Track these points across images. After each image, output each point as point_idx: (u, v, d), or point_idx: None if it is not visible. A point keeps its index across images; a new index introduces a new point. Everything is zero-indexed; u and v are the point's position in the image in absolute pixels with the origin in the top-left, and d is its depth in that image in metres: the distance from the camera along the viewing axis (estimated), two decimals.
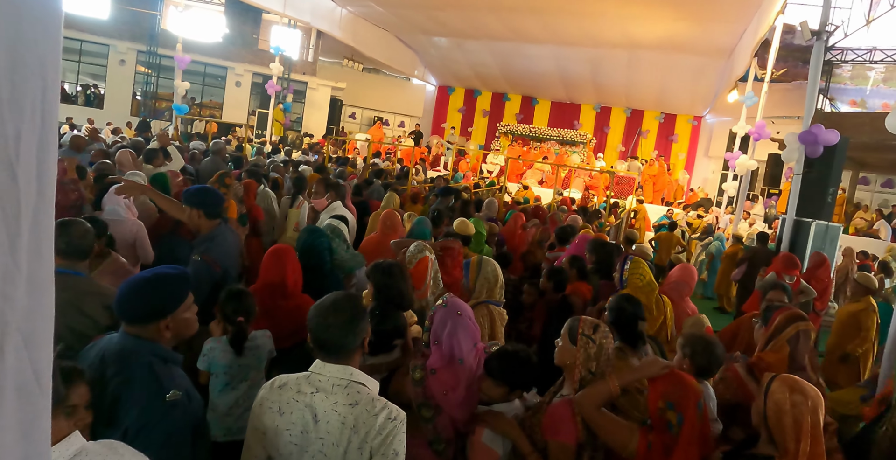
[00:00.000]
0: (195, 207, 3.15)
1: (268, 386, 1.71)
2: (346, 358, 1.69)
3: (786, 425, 1.85)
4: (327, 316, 1.67)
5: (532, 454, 2.06)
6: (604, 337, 2.14)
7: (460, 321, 2.25)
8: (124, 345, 1.74)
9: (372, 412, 1.61)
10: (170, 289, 1.81)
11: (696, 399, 1.94)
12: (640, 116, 20.96)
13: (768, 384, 1.94)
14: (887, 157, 15.08)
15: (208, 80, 21.44)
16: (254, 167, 7.06)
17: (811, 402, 1.86)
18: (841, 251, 8.33)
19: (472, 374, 2.23)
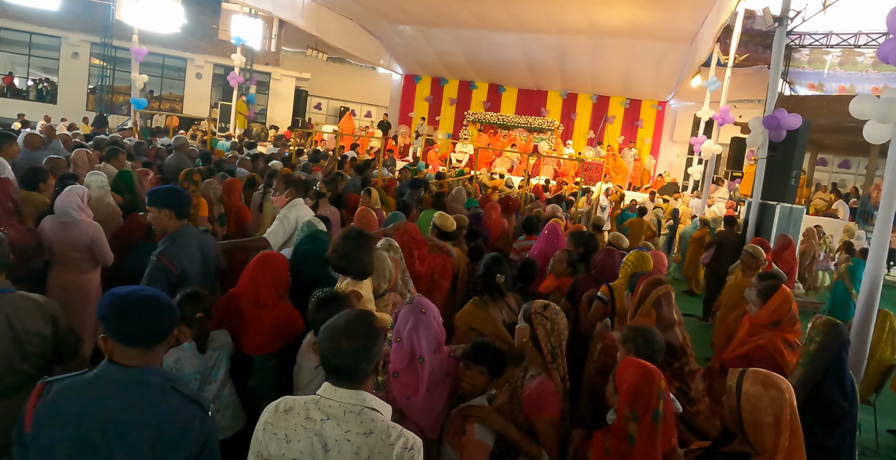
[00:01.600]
0: (164, 207, 3.05)
1: (272, 409, 1.58)
2: (358, 383, 1.57)
3: (764, 424, 1.82)
4: (339, 339, 1.54)
5: (522, 439, 2.14)
6: (554, 313, 2.27)
7: (423, 318, 2.24)
8: (144, 382, 1.55)
9: (388, 441, 1.51)
10: (170, 305, 1.65)
11: (653, 408, 1.94)
12: (607, 102, 21.16)
13: (738, 383, 1.90)
14: (844, 139, 15.56)
15: (167, 72, 20.82)
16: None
17: (787, 395, 1.84)
18: (802, 233, 8.56)
19: (434, 376, 2.20)
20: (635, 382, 2.00)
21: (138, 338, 1.56)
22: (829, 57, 16.17)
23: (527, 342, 2.26)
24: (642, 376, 2.00)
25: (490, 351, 2.24)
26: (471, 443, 2.10)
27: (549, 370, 2.22)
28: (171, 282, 2.94)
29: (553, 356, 2.22)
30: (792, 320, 2.95)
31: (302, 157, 10.60)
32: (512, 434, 2.15)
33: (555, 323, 2.25)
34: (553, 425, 2.16)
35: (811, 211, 15.38)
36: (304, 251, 3.26)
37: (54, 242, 3.77)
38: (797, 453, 1.83)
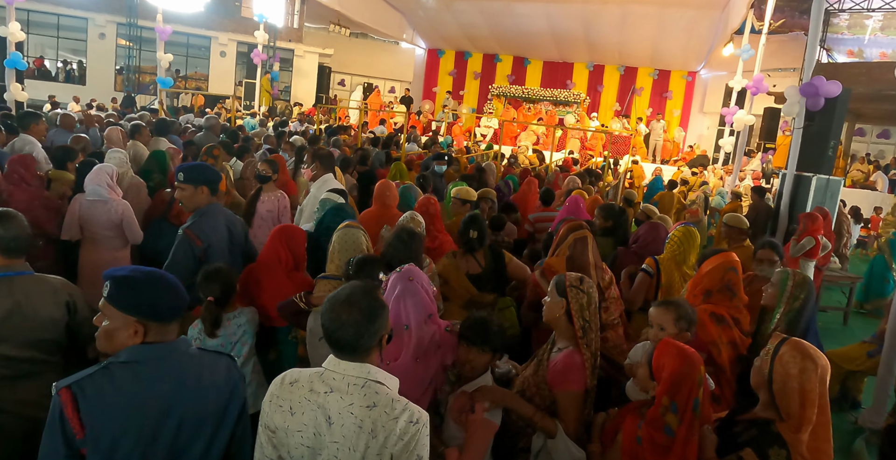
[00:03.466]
0: (202, 184, 3.07)
1: (278, 381, 1.58)
2: (362, 355, 1.54)
3: (791, 389, 1.80)
4: (341, 312, 1.50)
5: (536, 414, 2.13)
6: (590, 287, 2.25)
7: (410, 286, 2.19)
8: (179, 353, 1.59)
9: (392, 415, 1.48)
10: (168, 276, 1.67)
11: (693, 396, 1.87)
12: (634, 74, 20.65)
13: (777, 347, 1.87)
14: (883, 108, 14.95)
15: (192, 51, 20.91)
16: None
17: (820, 370, 1.80)
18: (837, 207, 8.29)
19: (422, 346, 2.14)
20: (676, 370, 1.89)
21: (171, 311, 1.58)
22: (871, 21, 15.44)
23: (560, 317, 2.21)
24: (683, 363, 1.90)
25: (487, 328, 2.17)
26: (478, 422, 2.06)
27: (578, 344, 2.19)
28: (196, 256, 2.98)
29: (584, 330, 2.19)
30: (727, 293, 2.80)
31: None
32: (524, 410, 2.13)
33: (591, 297, 2.22)
34: (575, 398, 2.14)
35: (847, 183, 14.90)
36: (329, 224, 3.27)
37: (84, 221, 3.83)
38: (823, 430, 1.80)
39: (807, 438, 1.79)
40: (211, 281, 2.58)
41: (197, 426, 1.57)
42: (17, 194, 3.84)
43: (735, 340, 2.76)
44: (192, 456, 1.57)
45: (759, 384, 1.90)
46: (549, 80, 21.24)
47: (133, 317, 1.52)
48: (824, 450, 1.81)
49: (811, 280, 2.70)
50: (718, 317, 2.76)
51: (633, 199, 6.95)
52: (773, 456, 1.78)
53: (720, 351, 2.67)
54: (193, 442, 1.57)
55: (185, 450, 1.56)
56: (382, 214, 4.20)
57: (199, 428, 1.58)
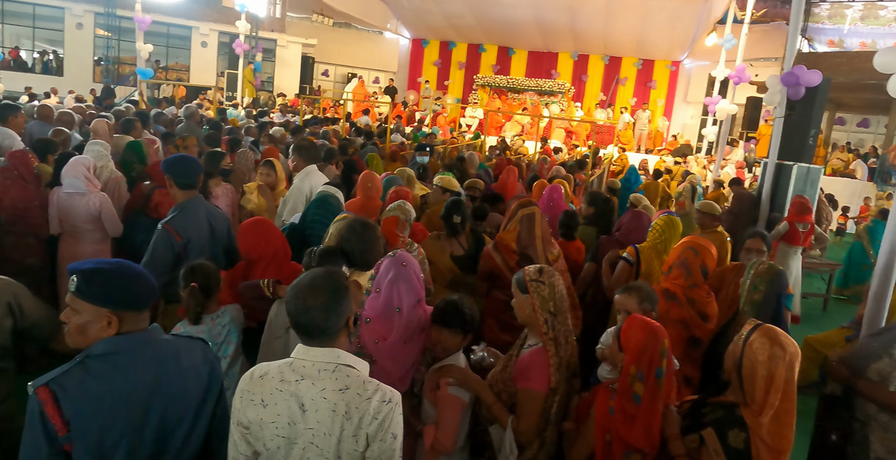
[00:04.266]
0: (167, 175, 3.07)
1: (247, 377, 1.57)
2: (330, 340, 1.55)
3: (759, 376, 1.84)
4: (306, 297, 1.51)
5: (495, 404, 2.14)
6: (550, 277, 2.19)
7: (403, 271, 2.22)
8: (154, 341, 1.59)
9: (364, 396, 1.50)
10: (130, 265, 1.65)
11: (656, 366, 1.94)
12: (618, 63, 20.69)
13: (749, 333, 1.91)
14: (863, 97, 15.13)
15: (172, 41, 20.56)
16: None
17: (788, 357, 1.84)
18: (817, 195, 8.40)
19: (411, 329, 2.18)
20: (641, 341, 1.97)
21: (143, 299, 1.58)
22: (850, 11, 15.60)
23: (530, 314, 2.17)
24: (647, 334, 1.98)
25: (458, 310, 2.20)
26: (445, 397, 2.11)
27: (544, 341, 2.15)
28: (176, 251, 2.95)
29: (550, 324, 2.13)
30: (682, 270, 2.82)
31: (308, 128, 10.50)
32: (486, 397, 2.14)
33: (553, 286, 2.17)
34: (534, 397, 2.09)
35: (828, 171, 15.10)
36: (313, 216, 3.25)
37: (63, 214, 3.78)
38: (786, 416, 1.84)
39: (768, 422, 1.82)
40: (193, 275, 2.53)
41: (181, 410, 1.59)
42: (16, 192, 3.79)
43: (686, 319, 2.78)
44: (176, 438, 1.59)
45: (730, 368, 1.96)
46: (534, 70, 21.23)
47: (106, 308, 1.50)
48: (785, 435, 1.83)
49: (778, 271, 2.68)
50: (670, 293, 2.80)
51: (617, 188, 6.99)
52: (732, 437, 1.84)
53: (664, 326, 2.70)
54: (178, 426, 1.59)
55: (170, 434, 1.58)
56: (366, 205, 4.18)
57: (183, 412, 1.60)
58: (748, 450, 1.82)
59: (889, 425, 2.42)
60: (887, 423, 2.43)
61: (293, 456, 1.51)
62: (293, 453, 1.51)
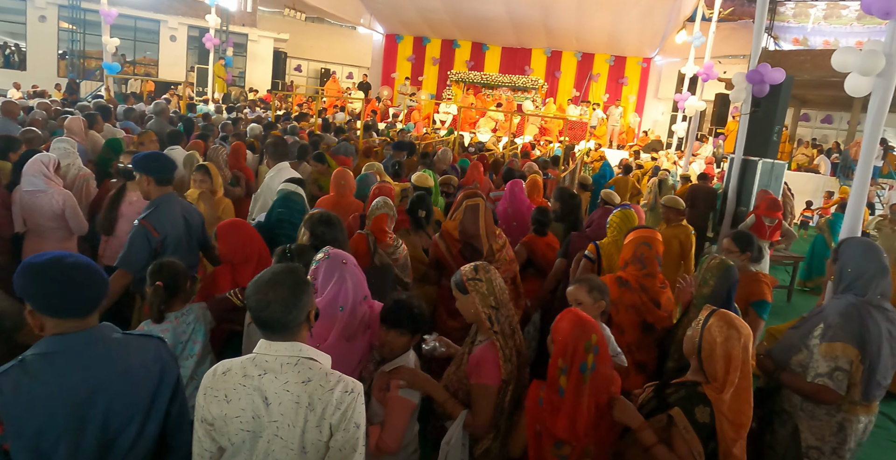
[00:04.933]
0: (143, 173, 3.04)
1: (210, 373, 1.58)
2: (292, 334, 1.57)
3: (717, 356, 1.95)
4: (267, 292, 1.54)
5: (447, 401, 2.16)
6: (486, 272, 2.21)
7: (347, 268, 2.20)
8: (100, 340, 1.54)
9: (327, 387, 1.53)
10: (94, 267, 1.59)
11: (580, 360, 1.99)
12: (591, 60, 20.89)
13: (706, 318, 2.03)
14: (827, 94, 15.53)
15: (140, 35, 20.12)
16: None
17: (743, 339, 1.95)
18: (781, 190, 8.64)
19: (353, 327, 2.16)
20: (567, 334, 2.01)
21: (74, 308, 1.50)
22: (814, 10, 15.99)
23: (475, 312, 2.19)
24: (573, 328, 2.01)
25: (405, 311, 2.20)
26: (394, 399, 2.12)
27: (491, 336, 2.17)
28: (153, 247, 2.95)
29: (493, 319, 2.16)
30: (638, 264, 2.90)
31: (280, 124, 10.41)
32: (437, 394, 2.16)
33: (490, 281, 2.19)
34: (487, 392, 2.13)
35: (793, 166, 15.48)
36: (279, 215, 3.22)
37: (26, 212, 3.72)
38: (744, 393, 1.95)
39: (729, 399, 1.93)
40: (160, 273, 2.51)
41: (128, 409, 1.57)
42: None
43: (637, 305, 2.85)
44: (125, 437, 1.56)
45: (690, 351, 2.06)
46: (508, 66, 21.31)
47: (31, 307, 1.48)
48: (745, 411, 1.95)
49: (729, 265, 2.72)
50: (623, 280, 2.89)
51: (589, 184, 7.08)
52: (698, 413, 1.94)
53: (618, 311, 2.82)
54: (126, 426, 1.56)
55: (118, 434, 1.55)
56: (338, 202, 4.19)
57: (131, 411, 1.57)
58: (714, 424, 1.92)
59: (815, 413, 2.50)
60: (813, 411, 2.50)
61: (258, 449, 1.53)
62: (258, 446, 1.53)
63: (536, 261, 3.93)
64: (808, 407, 2.52)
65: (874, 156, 4.30)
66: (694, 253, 5.21)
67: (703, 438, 1.92)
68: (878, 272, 2.49)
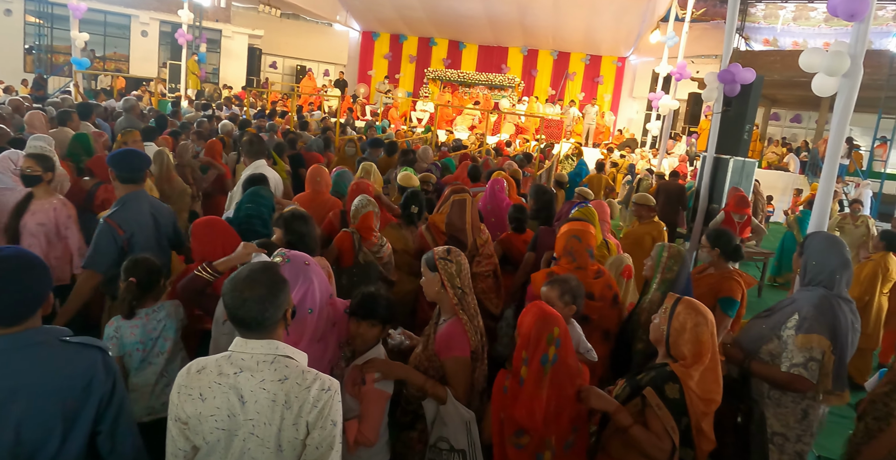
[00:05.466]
0: (110, 168, 3.01)
1: (184, 372, 1.56)
2: (268, 332, 1.57)
3: (687, 341, 2.04)
4: (243, 290, 1.52)
5: (426, 382, 2.19)
6: (457, 255, 2.32)
7: (311, 270, 2.18)
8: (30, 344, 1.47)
9: (304, 385, 1.53)
10: (34, 265, 1.52)
11: (542, 352, 2.03)
12: (567, 59, 21.04)
13: (673, 306, 2.12)
14: (796, 94, 15.87)
15: (110, 30, 19.68)
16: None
17: (710, 324, 2.06)
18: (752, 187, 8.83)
19: (321, 328, 2.16)
20: (530, 326, 2.08)
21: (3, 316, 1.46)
22: (784, 12, 16.33)
23: (438, 291, 2.28)
24: (536, 320, 2.07)
25: (375, 302, 2.23)
26: (370, 392, 2.13)
27: (456, 311, 2.27)
28: (120, 245, 2.90)
29: (460, 298, 2.27)
30: (569, 259, 2.98)
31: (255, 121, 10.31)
32: (415, 379, 2.19)
33: (459, 264, 2.31)
34: (461, 363, 2.21)
35: (764, 164, 15.81)
36: (248, 210, 3.17)
37: None
38: (712, 373, 2.05)
39: (698, 376, 2.01)
40: (135, 269, 2.49)
41: (45, 422, 1.49)
42: None
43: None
44: (45, 455, 1.50)
45: (658, 339, 2.15)
46: (485, 64, 21.37)
47: None
48: (714, 389, 2.04)
49: (685, 253, 2.91)
50: (552, 275, 2.91)
51: (565, 182, 7.15)
52: (668, 390, 2.01)
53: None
54: (45, 440, 1.50)
55: (37, 448, 1.48)
56: (314, 199, 4.19)
57: (50, 424, 1.50)
58: (684, 399, 2.00)
59: (781, 401, 2.58)
60: (779, 399, 2.59)
61: (234, 447, 1.52)
62: (234, 444, 1.52)
63: (512, 257, 3.97)
64: (775, 395, 2.60)
65: (840, 155, 4.42)
66: None
67: (675, 414, 1.99)
68: (841, 265, 2.59)
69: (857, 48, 4.09)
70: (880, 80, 12.89)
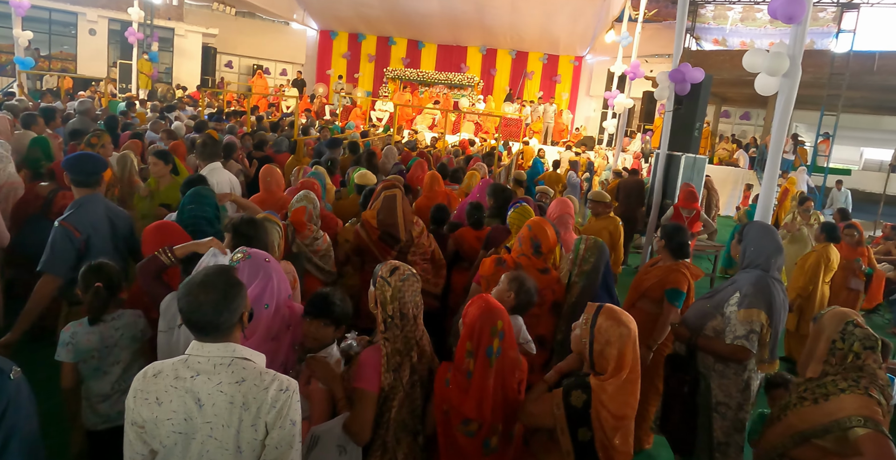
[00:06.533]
0: (66, 171, 2.97)
1: (140, 376, 1.55)
2: (225, 335, 1.56)
3: (609, 356, 1.99)
4: (198, 294, 1.52)
5: (341, 400, 2.12)
6: (400, 280, 2.10)
7: (273, 266, 2.18)
8: None
9: (262, 386, 1.53)
10: None
11: (486, 345, 2.05)
12: (525, 58, 21.27)
13: (594, 317, 2.06)
14: (745, 92, 16.43)
15: (56, 28, 18.97)
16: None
17: (632, 335, 2.01)
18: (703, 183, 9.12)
19: (276, 326, 2.13)
20: (475, 318, 2.08)
21: None
22: (732, 13, 16.86)
23: (374, 307, 2.15)
24: (481, 313, 2.08)
25: (328, 302, 2.19)
26: (315, 392, 2.11)
27: (379, 338, 2.12)
28: (77, 248, 2.86)
29: (388, 326, 2.09)
30: (517, 244, 3.09)
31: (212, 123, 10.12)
32: (336, 392, 2.12)
33: (397, 289, 2.09)
34: (364, 396, 2.05)
35: (715, 160, 16.32)
36: (191, 211, 3.09)
37: None
38: (631, 386, 2.01)
39: (613, 390, 1.97)
40: (98, 274, 2.44)
41: None
42: None
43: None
44: None
45: (580, 349, 2.10)
46: (444, 64, 21.41)
47: None
48: (630, 403, 2.00)
49: (602, 244, 3.08)
50: (501, 260, 3.03)
51: (523, 180, 7.25)
52: (574, 397, 2.00)
53: (487, 285, 2.98)
54: None
55: None
56: (266, 199, 4.21)
57: None
58: (586, 411, 1.97)
59: (725, 372, 2.84)
60: (723, 371, 2.84)
61: (192, 450, 1.52)
62: (191, 448, 1.52)
63: (464, 252, 4.07)
64: (719, 368, 2.85)
65: (782, 150, 4.62)
66: (623, 243, 5.46)
67: (569, 418, 1.98)
68: (775, 250, 2.87)
69: (796, 49, 4.27)
70: (822, 79, 13.48)
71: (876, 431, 2.05)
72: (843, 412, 2.12)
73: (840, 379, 2.21)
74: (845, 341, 2.25)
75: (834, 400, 2.17)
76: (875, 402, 2.12)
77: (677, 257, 3.55)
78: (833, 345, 2.27)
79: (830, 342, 2.28)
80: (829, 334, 2.28)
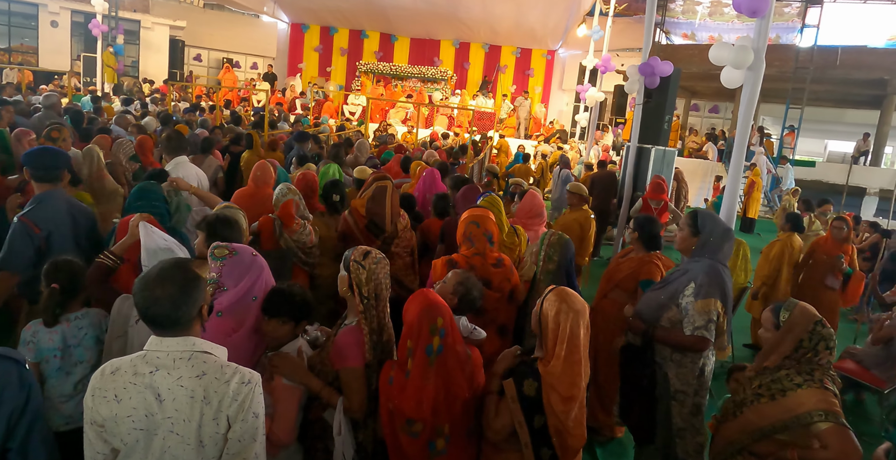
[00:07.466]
0: (25, 166, 2.90)
1: (98, 374, 1.52)
2: (184, 330, 1.53)
3: (549, 329, 2.03)
4: (154, 288, 1.48)
5: (323, 389, 2.10)
6: (374, 262, 2.16)
7: (260, 261, 2.17)
8: None
9: (223, 379, 1.51)
10: None
11: (425, 343, 2.01)
12: (498, 52, 21.32)
13: (545, 294, 2.11)
14: (714, 86, 16.71)
15: (15, 19, 18.39)
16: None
17: (573, 313, 2.01)
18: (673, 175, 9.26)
19: (260, 317, 2.15)
20: (414, 315, 2.05)
21: None
22: (700, 7, 17.12)
23: (346, 291, 2.17)
24: (420, 310, 2.05)
25: (285, 299, 2.15)
26: (279, 389, 2.07)
27: (359, 319, 2.15)
28: (36, 245, 2.79)
29: (366, 307, 2.13)
30: (468, 243, 3.02)
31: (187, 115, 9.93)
32: (312, 385, 2.10)
33: (372, 271, 2.15)
34: (354, 374, 2.09)
35: (685, 153, 16.59)
36: (139, 208, 3.00)
37: None
38: (576, 367, 2.01)
39: (558, 372, 1.99)
40: (57, 273, 2.38)
41: None
42: None
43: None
44: None
45: (534, 326, 2.14)
46: (417, 57, 21.35)
47: None
48: (577, 384, 2.01)
49: (566, 240, 3.11)
50: (453, 262, 2.98)
51: (497, 172, 7.29)
52: (526, 386, 2.01)
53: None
54: None
55: None
56: (256, 193, 4.18)
57: None
58: (539, 398, 1.99)
59: (682, 361, 2.86)
60: (680, 360, 2.86)
61: (154, 447, 1.50)
62: (154, 444, 1.50)
63: (430, 242, 4.10)
64: (677, 357, 2.87)
65: (747, 142, 4.72)
66: (594, 235, 5.53)
67: (526, 409, 1.99)
68: (725, 236, 2.90)
69: (760, 42, 4.36)
70: (787, 73, 13.78)
71: (837, 424, 2.10)
72: (803, 407, 2.15)
73: (794, 373, 2.25)
74: (811, 341, 2.27)
75: (792, 396, 2.20)
76: (831, 394, 2.17)
77: (650, 248, 3.53)
78: (800, 344, 2.28)
79: (798, 341, 2.28)
80: (799, 333, 2.28)
